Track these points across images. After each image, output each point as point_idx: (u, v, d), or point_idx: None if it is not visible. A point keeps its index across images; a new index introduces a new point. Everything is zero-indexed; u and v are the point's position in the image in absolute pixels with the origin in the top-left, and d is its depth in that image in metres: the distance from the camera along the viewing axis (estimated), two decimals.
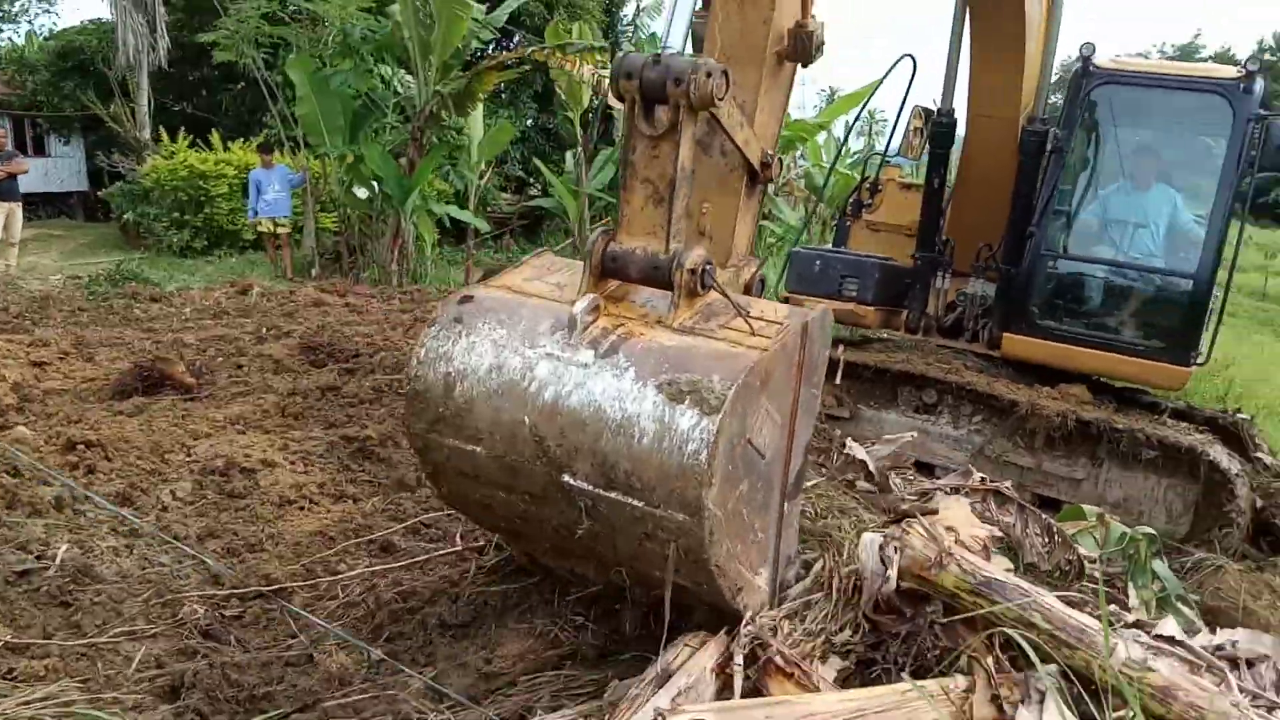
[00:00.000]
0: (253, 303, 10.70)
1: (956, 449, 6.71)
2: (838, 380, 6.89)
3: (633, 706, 2.72)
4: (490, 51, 18.58)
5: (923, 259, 7.36)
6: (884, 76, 7.90)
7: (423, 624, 3.88)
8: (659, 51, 3.11)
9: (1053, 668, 2.84)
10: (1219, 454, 6.12)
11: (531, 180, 24.01)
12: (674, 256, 3.13)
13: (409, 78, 15.11)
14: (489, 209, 19.77)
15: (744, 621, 3.11)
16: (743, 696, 2.94)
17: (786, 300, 7.10)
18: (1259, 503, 6.01)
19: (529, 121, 23.29)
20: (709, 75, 3.01)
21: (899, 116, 7.76)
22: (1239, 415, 7.17)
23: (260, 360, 8.05)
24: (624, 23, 25.30)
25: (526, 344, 3.13)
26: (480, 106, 15.78)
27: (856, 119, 22.05)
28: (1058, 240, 7.05)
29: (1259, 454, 6.65)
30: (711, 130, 3.40)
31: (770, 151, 3.74)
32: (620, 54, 3.12)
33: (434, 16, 13.29)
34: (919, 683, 2.93)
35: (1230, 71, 6.70)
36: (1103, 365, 6.89)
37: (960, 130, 7.31)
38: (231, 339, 8.80)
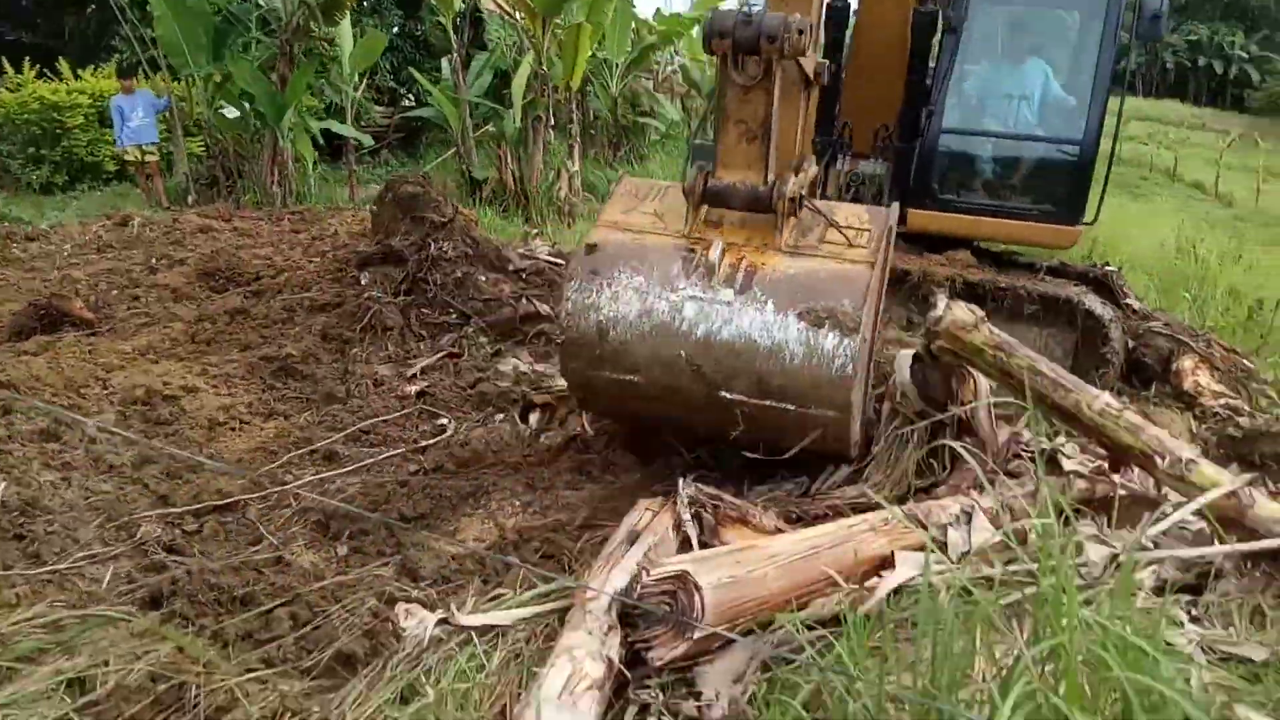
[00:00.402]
0: (135, 234, 10.29)
1: None
2: None
3: (611, 562, 2.95)
4: None
5: (821, 143, 7.57)
6: None
7: (382, 520, 4.02)
8: (746, 10, 3.52)
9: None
10: (1093, 303, 6.66)
11: (403, 91, 23.25)
12: (772, 187, 3.63)
13: None
14: (363, 123, 19.13)
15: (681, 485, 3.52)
16: (702, 548, 3.22)
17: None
18: (1130, 344, 6.57)
19: (395, 30, 22.42)
20: (800, 32, 3.45)
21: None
22: (1107, 268, 7.73)
23: (157, 290, 7.84)
24: None
25: (667, 288, 3.63)
26: (348, 16, 15.17)
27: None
28: (954, 117, 7.36)
29: (1127, 300, 7.21)
30: None
31: (820, 60, 4.14)
32: (708, 13, 3.54)
33: None
34: (860, 517, 3.26)
35: None
36: (1002, 231, 7.38)
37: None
38: (122, 271, 8.51)
